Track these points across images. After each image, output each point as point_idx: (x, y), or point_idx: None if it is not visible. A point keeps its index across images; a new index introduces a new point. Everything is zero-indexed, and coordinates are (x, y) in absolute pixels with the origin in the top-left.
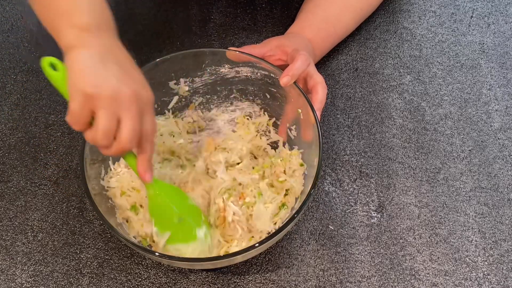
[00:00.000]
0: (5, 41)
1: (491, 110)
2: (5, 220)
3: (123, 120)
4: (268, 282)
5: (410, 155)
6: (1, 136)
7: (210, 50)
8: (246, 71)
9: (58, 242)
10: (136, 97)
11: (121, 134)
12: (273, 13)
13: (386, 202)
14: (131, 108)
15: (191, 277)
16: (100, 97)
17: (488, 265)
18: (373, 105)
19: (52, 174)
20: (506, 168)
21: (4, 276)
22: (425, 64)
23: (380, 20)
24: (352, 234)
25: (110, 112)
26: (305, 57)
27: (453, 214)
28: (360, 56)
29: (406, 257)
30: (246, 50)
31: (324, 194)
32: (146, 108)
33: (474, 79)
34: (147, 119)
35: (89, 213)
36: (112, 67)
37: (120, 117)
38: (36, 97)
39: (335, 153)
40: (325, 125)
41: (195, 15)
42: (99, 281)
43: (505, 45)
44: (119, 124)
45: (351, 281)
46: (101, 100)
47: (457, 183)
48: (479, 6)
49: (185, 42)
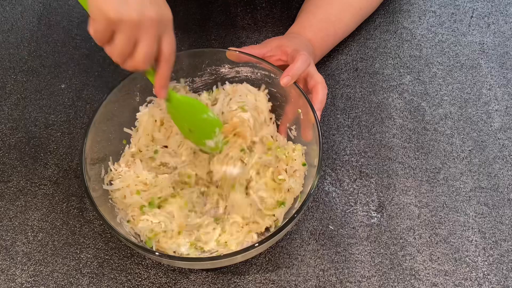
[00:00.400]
0: (5, 41)
1: (491, 110)
2: (5, 220)
3: (140, 43)
4: (268, 282)
5: (410, 155)
6: (1, 136)
7: (210, 50)
8: (246, 71)
9: (58, 242)
10: (157, 20)
11: (136, 55)
12: (273, 13)
13: (386, 202)
14: (150, 32)
15: (191, 277)
16: (122, 21)
17: (488, 265)
18: (373, 105)
19: (52, 174)
20: (506, 168)
21: (4, 276)
22: (425, 64)
23: (380, 20)
24: (352, 234)
25: (128, 36)
26: (305, 57)
27: (453, 214)
28: (360, 56)
29: (406, 257)
30: (246, 50)
31: (324, 194)
32: (166, 29)
33: (474, 79)
34: (166, 40)
35: (89, 213)
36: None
37: (138, 39)
38: (36, 97)
39: (335, 153)
40: (325, 125)
41: (195, 15)
42: (99, 281)
43: (505, 45)
44: (136, 45)
45: (351, 281)
46: (123, 24)
47: (457, 183)
48: (479, 6)
49: (185, 42)
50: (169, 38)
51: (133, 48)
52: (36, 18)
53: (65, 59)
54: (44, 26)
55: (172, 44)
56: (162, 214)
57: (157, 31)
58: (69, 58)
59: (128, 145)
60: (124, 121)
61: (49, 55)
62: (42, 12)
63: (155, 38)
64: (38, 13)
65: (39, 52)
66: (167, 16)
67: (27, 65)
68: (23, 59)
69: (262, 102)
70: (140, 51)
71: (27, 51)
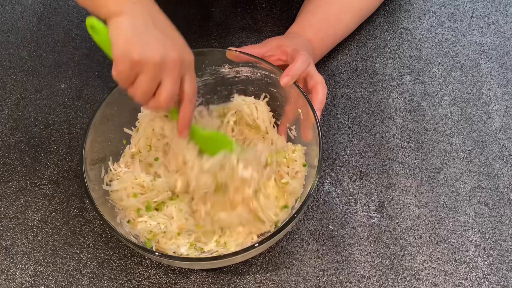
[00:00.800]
0: (5, 41)
1: (491, 110)
2: (5, 220)
3: (163, 84)
4: (268, 282)
5: (410, 155)
6: (1, 136)
7: (210, 50)
8: (246, 71)
9: (58, 242)
10: (180, 62)
11: (160, 96)
12: (273, 13)
13: (386, 202)
14: (173, 73)
15: (191, 277)
16: (146, 63)
17: (488, 265)
18: (373, 105)
19: (52, 174)
20: (506, 168)
21: (4, 276)
22: (425, 64)
23: (380, 20)
24: (352, 234)
25: (152, 77)
26: (305, 57)
27: (453, 214)
28: (360, 56)
29: (406, 257)
30: (246, 50)
31: (324, 194)
32: (188, 70)
33: (474, 79)
34: (188, 80)
35: (89, 213)
36: (155, 33)
37: (161, 79)
38: (36, 97)
39: (335, 153)
40: (325, 125)
41: (195, 15)
42: (99, 281)
43: (505, 45)
44: (159, 86)
45: (351, 281)
46: (147, 65)
47: (457, 183)
48: (479, 6)
49: None
50: (191, 78)
51: (156, 89)
52: (36, 18)
53: (65, 59)
54: (44, 26)
55: (194, 84)
56: (160, 216)
57: (179, 72)
58: (69, 58)
59: (128, 145)
60: (124, 121)
61: (49, 55)
62: (42, 12)
63: (177, 79)
64: (38, 13)
65: (39, 52)
66: (188, 57)
67: (27, 65)
68: (23, 59)
69: (263, 111)
70: (163, 91)
71: (27, 51)
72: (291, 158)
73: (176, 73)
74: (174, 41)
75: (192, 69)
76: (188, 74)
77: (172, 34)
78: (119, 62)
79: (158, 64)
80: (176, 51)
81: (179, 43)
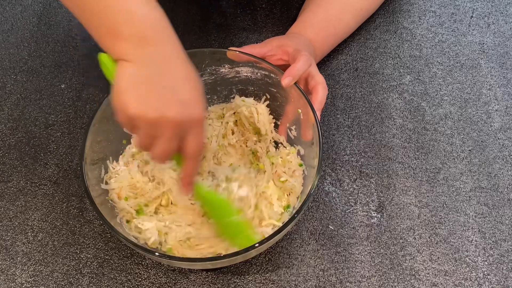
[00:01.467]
0: (5, 41)
1: (491, 110)
2: (5, 220)
3: (157, 141)
4: (268, 282)
5: (410, 155)
6: (1, 136)
7: (210, 50)
8: (246, 71)
9: (58, 242)
10: (178, 121)
11: (153, 151)
12: (273, 13)
13: (386, 202)
14: (167, 132)
15: (191, 277)
16: (141, 120)
17: (488, 265)
18: (373, 105)
19: (52, 174)
20: (506, 168)
21: (4, 276)
22: (425, 64)
23: (380, 20)
24: (352, 234)
25: (146, 133)
26: (306, 58)
27: (453, 214)
28: (360, 56)
29: (406, 257)
30: (246, 49)
31: (324, 194)
32: (192, 128)
33: (474, 79)
34: (192, 139)
35: (89, 213)
36: (159, 87)
37: (156, 136)
38: (36, 97)
39: (335, 153)
40: (325, 125)
41: (195, 16)
42: (99, 281)
43: (505, 45)
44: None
45: (351, 281)
46: (141, 121)
47: (457, 183)
48: (479, 6)
49: (185, 42)
50: (196, 135)
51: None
52: (36, 18)
53: (65, 59)
54: (44, 26)
55: (199, 142)
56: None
57: (177, 132)
58: (69, 58)
59: (128, 146)
60: None
61: (49, 55)
62: (42, 12)
63: (173, 138)
64: (38, 13)
65: (39, 52)
66: (193, 116)
67: (27, 65)
68: (23, 59)
69: (263, 114)
70: (157, 149)
71: (27, 51)
72: (286, 160)
73: (171, 133)
74: (179, 97)
75: (200, 125)
76: (194, 131)
77: (183, 86)
78: (117, 113)
79: (152, 122)
80: (176, 110)
81: (187, 98)
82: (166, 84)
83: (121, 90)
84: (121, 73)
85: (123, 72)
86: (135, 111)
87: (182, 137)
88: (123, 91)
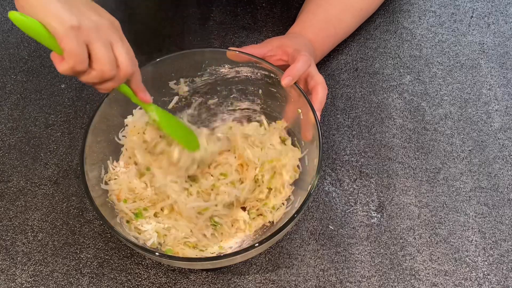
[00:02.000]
0: (5, 41)
1: (491, 110)
2: (5, 220)
3: (116, 46)
4: (268, 282)
5: (410, 155)
6: (1, 136)
7: (210, 50)
8: (246, 71)
9: (58, 242)
10: (113, 25)
11: (121, 60)
12: (273, 13)
13: (386, 202)
14: (116, 34)
15: (191, 277)
16: (87, 28)
17: (488, 265)
18: (373, 105)
19: (52, 174)
20: (506, 168)
21: (4, 276)
22: (425, 64)
23: (380, 20)
24: (352, 234)
25: (104, 41)
26: (306, 58)
27: (453, 214)
28: (360, 56)
29: (406, 257)
30: (246, 50)
31: (324, 194)
32: (121, 34)
33: (474, 79)
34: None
35: (89, 213)
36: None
37: (111, 42)
38: (36, 97)
39: (335, 153)
40: (325, 125)
41: (195, 14)
42: (99, 281)
43: (505, 45)
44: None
45: (351, 281)
46: (89, 31)
47: (457, 183)
48: (479, 6)
49: (185, 42)
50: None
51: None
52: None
53: None
54: None
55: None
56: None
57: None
58: None
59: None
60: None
61: (49, 55)
62: None
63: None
64: None
65: (39, 52)
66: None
67: (27, 65)
68: (23, 59)
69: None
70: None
71: (27, 51)
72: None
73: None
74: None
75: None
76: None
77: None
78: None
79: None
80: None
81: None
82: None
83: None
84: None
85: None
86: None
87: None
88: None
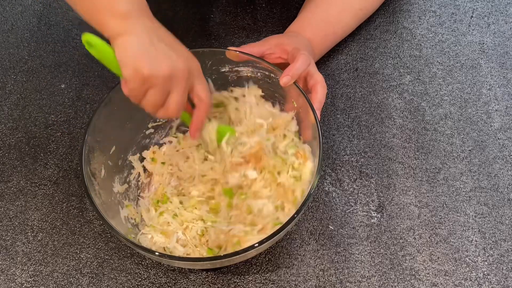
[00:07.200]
0: (5, 41)
1: (491, 110)
2: (5, 220)
3: (172, 95)
4: (268, 282)
5: (410, 155)
6: (1, 136)
7: (210, 49)
8: (246, 71)
9: (58, 242)
10: (188, 71)
11: (169, 106)
12: (273, 13)
13: (386, 202)
14: (181, 84)
15: (191, 277)
16: (157, 77)
17: (488, 265)
18: (373, 105)
19: (52, 174)
20: (506, 168)
21: (4, 276)
22: (425, 64)
23: (380, 20)
24: (352, 234)
25: (161, 90)
26: (305, 57)
27: (453, 214)
28: (360, 56)
29: (406, 257)
30: (245, 48)
31: (324, 194)
32: (197, 77)
33: (474, 79)
34: (199, 86)
35: (89, 213)
36: (161, 47)
37: (170, 91)
38: (36, 97)
39: (335, 153)
40: (325, 125)
41: (194, 14)
42: (99, 281)
43: (505, 45)
44: (168, 97)
45: (351, 281)
46: (157, 79)
47: (457, 183)
48: (479, 6)
49: (184, 42)
50: (202, 83)
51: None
52: (36, 18)
53: (65, 59)
54: (44, 26)
55: (206, 87)
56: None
57: (187, 82)
58: (69, 58)
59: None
60: (124, 121)
61: (49, 55)
62: (42, 12)
63: (186, 88)
64: (38, 13)
65: (39, 52)
66: (195, 65)
67: (27, 65)
68: (23, 59)
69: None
70: (172, 102)
71: (27, 51)
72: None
73: (184, 83)
74: (179, 53)
75: (201, 75)
76: (198, 80)
77: (176, 46)
78: (130, 80)
79: (168, 77)
80: (182, 62)
81: (184, 53)
82: (166, 43)
83: (131, 58)
84: (125, 46)
85: (126, 44)
86: (149, 71)
87: (191, 87)
88: (133, 58)
